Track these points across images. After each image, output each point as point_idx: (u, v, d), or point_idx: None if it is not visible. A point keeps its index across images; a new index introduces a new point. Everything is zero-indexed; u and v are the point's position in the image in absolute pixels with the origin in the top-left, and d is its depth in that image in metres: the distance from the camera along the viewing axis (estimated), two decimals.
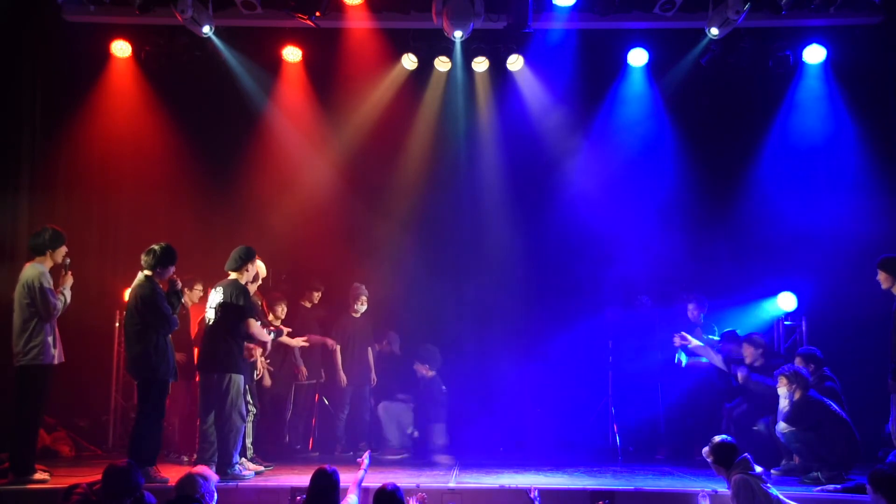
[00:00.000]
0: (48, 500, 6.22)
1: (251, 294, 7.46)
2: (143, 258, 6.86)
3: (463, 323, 9.98)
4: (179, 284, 7.01)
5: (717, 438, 6.03)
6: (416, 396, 9.14)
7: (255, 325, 7.11)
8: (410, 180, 10.07)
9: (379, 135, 9.93)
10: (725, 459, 5.88)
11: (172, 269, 6.91)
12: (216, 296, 7.12)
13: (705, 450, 6.01)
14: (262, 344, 7.50)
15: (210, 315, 7.11)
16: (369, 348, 9.39)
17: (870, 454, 7.54)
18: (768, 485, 5.75)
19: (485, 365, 9.88)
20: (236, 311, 7.02)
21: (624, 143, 9.99)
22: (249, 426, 7.67)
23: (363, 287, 9.29)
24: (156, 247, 6.87)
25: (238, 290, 7.08)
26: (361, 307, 9.28)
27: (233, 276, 7.20)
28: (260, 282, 7.79)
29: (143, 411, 6.83)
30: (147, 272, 6.84)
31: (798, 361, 7.79)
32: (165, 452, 8.38)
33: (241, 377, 7.07)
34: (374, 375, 9.40)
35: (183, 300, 7.28)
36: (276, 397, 8.72)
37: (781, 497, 5.73)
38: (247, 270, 7.22)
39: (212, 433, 7.04)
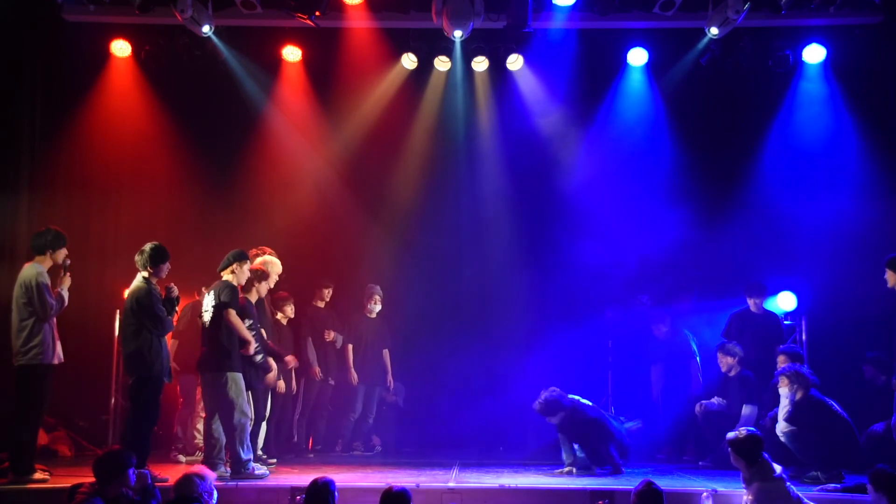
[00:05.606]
0: (48, 500, 6.21)
1: (264, 292, 7.69)
2: (136, 258, 6.90)
3: (462, 321, 10.00)
4: (175, 291, 7.03)
5: (744, 430, 5.86)
6: None
7: (234, 316, 7.02)
8: (410, 179, 10.07)
9: (379, 134, 9.94)
10: (750, 455, 5.72)
11: (166, 266, 6.93)
12: (209, 298, 7.13)
13: (730, 436, 5.86)
14: (245, 341, 7.11)
15: (206, 317, 7.11)
16: (385, 350, 9.39)
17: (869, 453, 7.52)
18: (788, 485, 5.67)
19: (484, 364, 9.89)
20: (224, 306, 7.01)
21: (623, 143, 9.98)
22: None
23: (377, 287, 9.32)
24: (146, 247, 6.91)
25: (225, 287, 7.09)
26: (375, 307, 9.30)
27: (224, 276, 7.20)
28: (276, 278, 7.83)
29: (136, 410, 6.83)
30: (143, 273, 6.87)
31: (783, 359, 7.79)
32: (167, 450, 8.41)
33: (240, 375, 7.06)
34: (390, 378, 9.41)
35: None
36: (285, 397, 8.66)
37: (802, 497, 5.67)
38: (234, 272, 7.20)
39: (217, 432, 7.05)
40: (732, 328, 8.81)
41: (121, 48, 9.52)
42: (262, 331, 7.66)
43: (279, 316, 8.58)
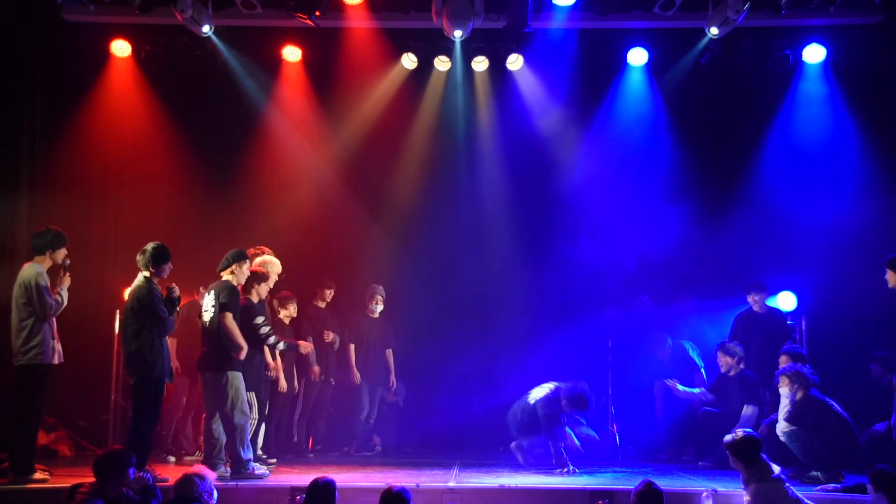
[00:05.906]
0: (48, 499, 6.21)
1: (264, 294, 7.60)
2: (138, 258, 6.88)
3: (462, 321, 10.00)
4: (177, 292, 7.02)
5: (741, 432, 5.87)
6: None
7: (229, 320, 6.98)
8: (410, 179, 10.07)
9: (379, 134, 9.94)
10: (747, 456, 5.72)
11: (168, 266, 6.91)
12: (209, 298, 7.13)
13: (727, 439, 5.87)
14: (237, 347, 6.99)
15: (206, 317, 7.11)
16: (388, 350, 9.39)
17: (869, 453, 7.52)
18: (787, 485, 5.66)
19: (484, 364, 9.89)
20: (222, 308, 6.99)
21: (623, 143, 9.99)
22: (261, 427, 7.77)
23: (380, 287, 9.31)
24: (148, 246, 6.89)
25: (225, 288, 7.08)
26: (377, 307, 9.29)
27: (224, 276, 7.20)
28: (276, 278, 7.79)
29: (137, 411, 6.82)
30: (145, 273, 6.87)
31: (784, 359, 7.79)
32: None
33: (240, 374, 7.06)
34: (393, 378, 9.40)
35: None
36: (285, 396, 8.66)
37: (801, 497, 5.66)
38: (233, 272, 7.19)
39: (217, 432, 7.05)
40: (738, 330, 8.78)
41: (121, 48, 9.52)
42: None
43: (282, 314, 8.58)
